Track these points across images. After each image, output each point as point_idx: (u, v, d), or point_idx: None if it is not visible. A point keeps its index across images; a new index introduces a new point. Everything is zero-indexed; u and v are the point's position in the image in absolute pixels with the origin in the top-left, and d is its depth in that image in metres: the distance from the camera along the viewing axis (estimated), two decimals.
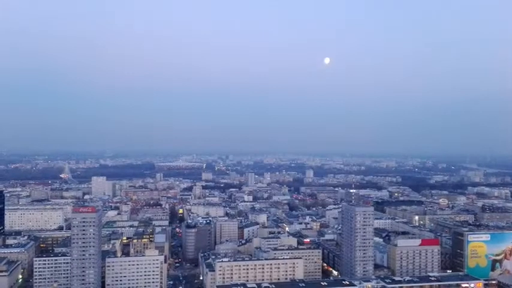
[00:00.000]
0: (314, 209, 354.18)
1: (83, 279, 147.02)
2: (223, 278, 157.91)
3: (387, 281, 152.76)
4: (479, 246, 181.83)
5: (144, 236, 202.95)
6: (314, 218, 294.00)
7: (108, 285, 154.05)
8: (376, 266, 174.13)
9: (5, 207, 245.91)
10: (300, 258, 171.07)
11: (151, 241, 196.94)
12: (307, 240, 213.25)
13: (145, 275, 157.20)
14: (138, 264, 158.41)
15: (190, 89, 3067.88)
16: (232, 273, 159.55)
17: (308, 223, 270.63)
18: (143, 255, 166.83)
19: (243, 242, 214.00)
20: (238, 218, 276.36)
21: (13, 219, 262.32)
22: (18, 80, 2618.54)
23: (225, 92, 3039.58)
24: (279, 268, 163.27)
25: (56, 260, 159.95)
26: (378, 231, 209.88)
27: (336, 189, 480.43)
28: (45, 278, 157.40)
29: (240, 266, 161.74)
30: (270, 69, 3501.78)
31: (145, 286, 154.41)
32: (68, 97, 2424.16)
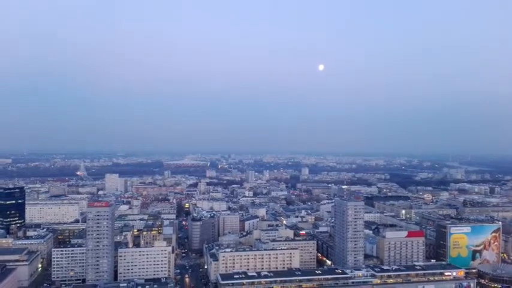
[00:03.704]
0: (309, 203, 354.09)
1: (97, 268, 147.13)
2: (226, 267, 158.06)
3: (376, 269, 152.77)
4: (460, 237, 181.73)
5: (153, 229, 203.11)
6: (309, 211, 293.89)
7: (120, 273, 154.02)
8: (366, 256, 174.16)
9: (26, 202, 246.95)
10: (296, 248, 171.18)
11: (159, 233, 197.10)
12: (303, 232, 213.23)
13: (154, 264, 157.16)
14: (147, 254, 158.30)
15: (195, 92, 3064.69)
16: (234, 263, 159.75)
17: (304, 216, 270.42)
18: (152, 246, 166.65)
19: (244, 234, 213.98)
20: (239, 212, 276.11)
21: (33, 213, 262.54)
22: (36, 84, 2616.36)
23: (227, 94, 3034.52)
24: (277, 258, 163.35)
25: (73, 250, 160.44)
26: (367, 224, 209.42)
27: (330, 185, 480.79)
28: (62, 267, 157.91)
29: (241, 256, 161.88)
30: (269, 72, 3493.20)
31: (154, 274, 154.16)
32: (82, 100, 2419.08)
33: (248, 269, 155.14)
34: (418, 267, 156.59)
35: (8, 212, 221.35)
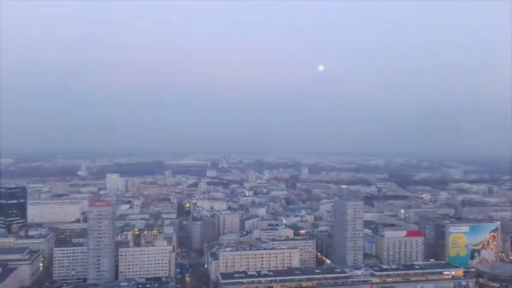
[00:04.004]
0: (309, 203, 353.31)
1: (98, 267, 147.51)
2: (226, 266, 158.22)
3: (375, 269, 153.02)
4: (459, 237, 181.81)
5: (154, 228, 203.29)
6: (309, 211, 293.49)
7: (121, 272, 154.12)
8: (366, 255, 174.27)
9: (28, 202, 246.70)
10: (296, 248, 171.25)
11: (160, 232, 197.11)
12: (303, 231, 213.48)
13: (155, 264, 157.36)
14: (148, 254, 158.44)
15: (195, 92, 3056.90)
16: (234, 262, 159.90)
17: (303, 216, 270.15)
18: (153, 246, 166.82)
19: (244, 233, 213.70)
20: (239, 211, 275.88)
21: (35, 213, 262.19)
22: (37, 83, 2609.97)
23: (228, 95, 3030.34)
24: (277, 257, 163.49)
25: (74, 249, 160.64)
26: (367, 224, 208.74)
27: (329, 185, 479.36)
28: (63, 266, 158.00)
29: (241, 255, 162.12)
30: (269, 72, 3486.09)
31: (155, 274, 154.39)
32: (83, 100, 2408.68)
33: (248, 268, 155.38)
34: (417, 267, 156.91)
35: (9, 212, 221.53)
